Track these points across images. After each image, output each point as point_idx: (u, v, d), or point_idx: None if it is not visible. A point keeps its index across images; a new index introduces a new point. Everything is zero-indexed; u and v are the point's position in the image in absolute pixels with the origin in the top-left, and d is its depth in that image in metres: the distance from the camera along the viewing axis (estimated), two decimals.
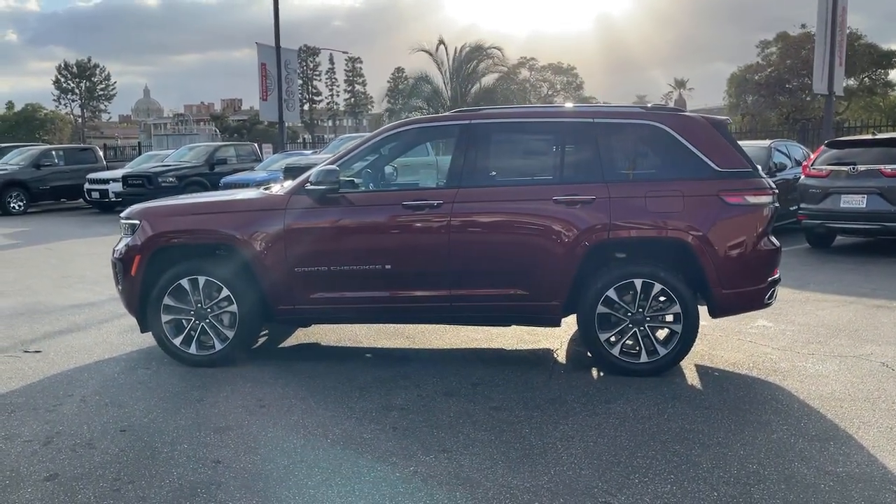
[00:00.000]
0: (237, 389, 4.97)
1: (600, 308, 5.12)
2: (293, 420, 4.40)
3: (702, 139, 5.17)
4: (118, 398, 4.82)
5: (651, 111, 5.42)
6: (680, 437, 4.09)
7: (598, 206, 5.07)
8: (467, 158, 5.32)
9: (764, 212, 5.15)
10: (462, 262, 5.23)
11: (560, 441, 4.05)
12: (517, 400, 4.70)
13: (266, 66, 23.55)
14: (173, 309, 5.47)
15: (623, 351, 5.16)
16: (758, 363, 5.44)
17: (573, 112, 5.56)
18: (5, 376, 5.33)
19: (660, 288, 5.05)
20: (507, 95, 26.53)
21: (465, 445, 4.00)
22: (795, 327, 6.46)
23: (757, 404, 4.61)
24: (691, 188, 5.09)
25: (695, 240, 5.01)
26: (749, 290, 5.17)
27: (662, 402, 4.63)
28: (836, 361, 5.43)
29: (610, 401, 4.67)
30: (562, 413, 4.47)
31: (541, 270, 5.15)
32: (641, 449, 3.93)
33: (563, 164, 5.35)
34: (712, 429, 4.20)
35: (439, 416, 4.45)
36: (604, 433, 4.16)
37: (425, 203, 5.23)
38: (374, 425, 4.31)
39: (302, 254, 5.34)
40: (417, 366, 5.45)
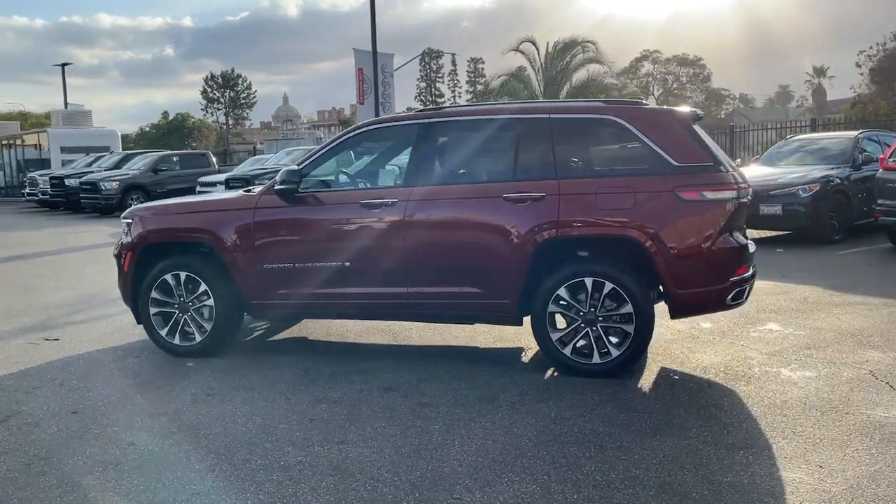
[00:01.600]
0: (198, 379, 5.26)
1: (551, 307, 5.04)
2: (227, 409, 4.62)
3: (660, 133, 4.98)
4: (91, 383, 5.22)
5: (610, 106, 5.26)
6: (583, 439, 3.98)
7: (548, 203, 4.99)
8: (424, 157, 5.38)
9: (725, 207, 4.89)
10: (418, 260, 5.29)
11: (462, 438, 4.04)
12: (450, 397, 4.71)
13: (363, 71, 24.26)
14: (160, 302, 5.85)
15: (576, 351, 5.05)
16: (731, 368, 5.17)
17: (529, 109, 5.48)
18: (14, 360, 5.88)
19: (611, 287, 4.91)
20: (603, 90, 25.87)
21: (366, 439, 4.07)
22: (804, 332, 6.06)
23: (692, 410, 4.39)
24: (643, 184, 4.91)
25: (645, 237, 4.83)
26: (707, 291, 4.93)
27: (594, 404, 4.51)
28: (819, 368, 5.08)
29: (542, 401, 4.60)
30: (484, 411, 4.44)
31: (493, 268, 5.13)
32: (535, 449, 3.87)
33: (517, 161, 5.29)
34: (625, 432, 4.06)
35: (363, 409, 4.54)
36: (510, 432, 4.11)
37: (382, 202, 5.33)
38: (296, 416, 4.45)
39: (270, 251, 5.58)
40: (380, 361, 5.55)
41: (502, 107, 5.62)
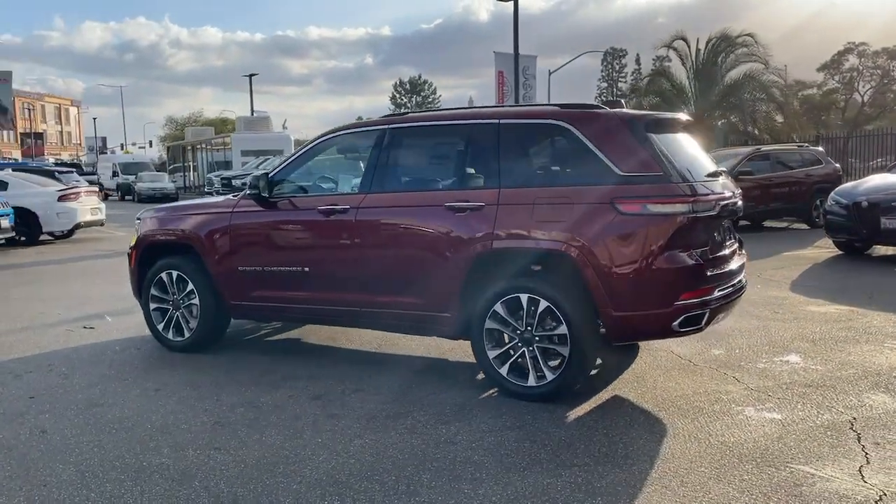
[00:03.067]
0: (160, 373, 5.51)
1: (488, 323, 4.77)
2: (157, 405, 4.80)
3: (609, 140, 4.56)
4: (75, 371, 5.62)
5: (562, 110, 4.88)
6: (448, 466, 3.72)
7: (486, 213, 4.74)
8: (377, 164, 5.30)
9: (672, 222, 4.38)
10: (367, 268, 5.22)
11: (331, 454, 3.92)
12: (365, 410, 4.59)
13: (503, 74, 24.22)
14: (157, 298, 6.21)
15: (513, 371, 4.75)
16: (693, 401, 4.64)
17: (481, 114, 5.19)
18: (38, 344, 6.47)
19: (546, 305, 4.57)
20: (761, 87, 23.83)
21: (241, 447, 4.05)
22: (823, 367, 5.31)
23: (598, 445, 3.97)
24: (582, 195, 4.53)
25: (578, 253, 4.45)
26: (646, 315, 4.44)
27: (497, 431, 4.21)
28: (794, 411, 4.42)
29: (448, 422, 4.37)
30: (381, 428, 4.29)
31: (434, 280, 4.95)
32: (387, 472, 3.67)
33: (463, 168, 5.06)
34: (497, 464, 3.75)
35: (272, 416, 4.54)
36: (382, 452, 3.93)
37: (336, 208, 5.31)
38: (206, 418, 4.53)
39: (243, 253, 5.74)
40: (341, 368, 5.52)
41: (454, 112, 5.39)
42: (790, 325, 6.57)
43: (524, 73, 24.82)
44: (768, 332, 6.37)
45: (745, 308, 7.26)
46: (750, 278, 8.93)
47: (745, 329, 6.48)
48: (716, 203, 4.59)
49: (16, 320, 7.63)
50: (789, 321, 6.75)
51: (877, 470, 3.58)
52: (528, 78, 25.32)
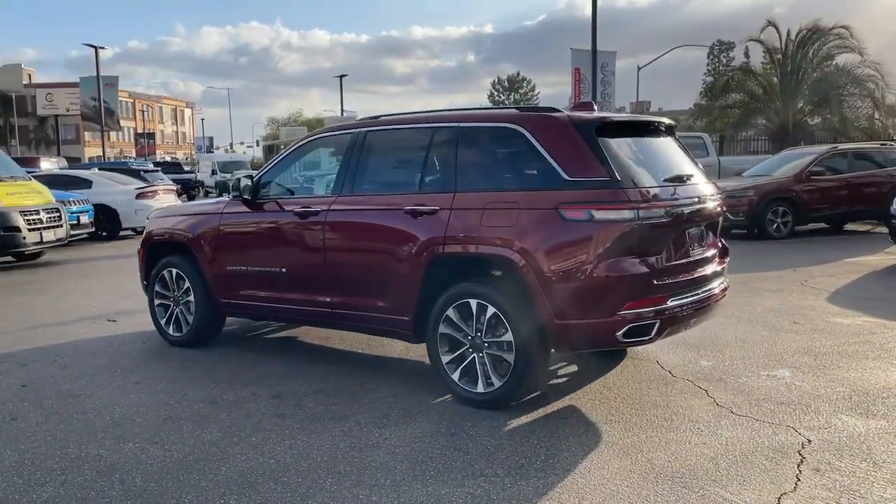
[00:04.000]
0: (149, 367, 5.77)
1: (442, 328, 4.75)
2: (131, 397, 5.00)
3: (558, 144, 4.45)
4: (75, 362, 5.94)
5: (518, 114, 4.79)
6: (349, 467, 3.74)
7: (440, 217, 4.72)
8: (349, 167, 5.35)
9: (618, 229, 4.23)
10: (336, 270, 5.29)
11: (249, 450, 4.00)
12: (314, 412, 4.63)
13: (580, 71, 23.84)
14: (161, 295, 6.49)
15: (463, 377, 4.71)
16: (645, 414, 4.46)
17: (443, 117, 5.14)
18: (65, 335, 6.88)
19: (493, 311, 4.51)
20: (854, 81, 22.32)
21: (183, 440, 4.18)
22: (810, 384, 5.00)
23: (509, 454, 3.89)
24: (529, 200, 4.44)
25: (521, 259, 4.36)
26: (589, 324, 4.30)
27: (432, 436, 4.18)
28: (736, 430, 4.19)
29: (387, 426, 4.37)
30: (317, 429, 4.32)
31: (394, 283, 4.97)
32: (287, 473, 3.72)
33: (424, 172, 5.03)
34: (403, 467, 3.75)
35: (223, 414, 4.63)
36: (300, 453, 3.98)
37: (309, 211, 5.41)
38: (162, 412, 4.70)
39: (230, 253, 5.93)
40: (312, 367, 5.60)
41: (421, 116, 5.36)
42: (801, 338, 6.20)
43: (602, 69, 24.33)
44: (773, 343, 6.04)
45: (763, 317, 6.92)
46: (791, 285, 8.53)
47: (749, 339, 6.17)
48: (670, 209, 4.40)
49: (58, 312, 8.13)
50: (803, 333, 6.36)
51: (798, 499, 3.35)
52: (607, 74, 24.80)
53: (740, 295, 8.06)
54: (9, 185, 11.90)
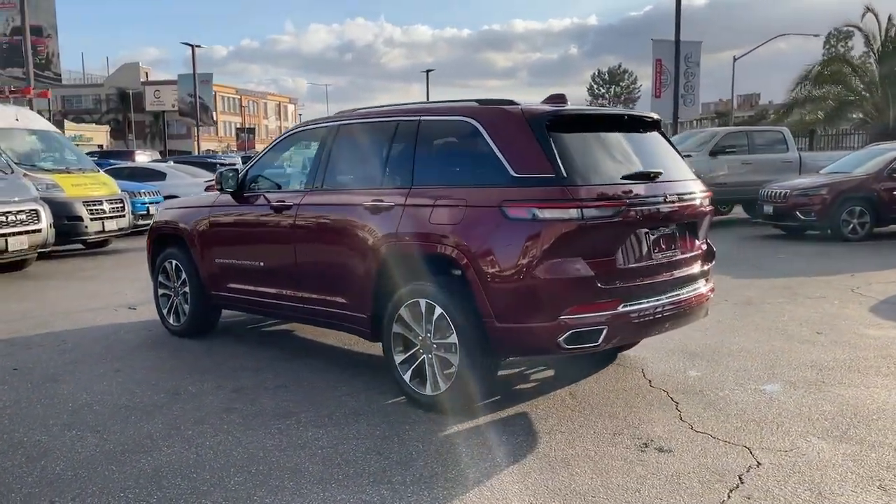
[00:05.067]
0: (138, 355, 5.89)
1: (395, 327, 4.62)
2: (104, 385, 5.10)
3: (508, 138, 4.24)
4: (75, 348, 6.13)
5: (476, 107, 4.58)
6: (261, 467, 3.67)
7: (394, 214, 4.60)
8: (321, 161, 5.30)
9: (562, 229, 3.98)
10: (304, 265, 5.26)
11: (179, 444, 3.99)
12: (265, 407, 4.60)
13: (661, 62, 23.03)
14: (163, 285, 6.65)
15: (414, 378, 4.57)
16: (597, 428, 4.20)
17: (406, 110, 4.98)
18: (82, 321, 7.16)
19: (440, 312, 4.36)
20: None
21: (123, 431, 4.22)
22: (798, 402, 4.60)
23: (427, 461, 3.73)
24: (476, 197, 4.25)
25: (463, 258, 4.18)
26: (529, 328, 4.07)
27: (363, 439, 4.05)
28: (694, 451, 3.88)
29: (325, 426, 4.27)
30: (256, 426, 4.28)
31: (353, 280, 4.88)
32: (200, 469, 3.69)
33: (386, 167, 4.90)
34: (315, 469, 3.65)
35: (175, 407, 4.62)
36: (223, 450, 3.94)
37: (283, 205, 5.39)
38: (122, 400, 4.77)
39: (218, 246, 5.99)
40: (290, 363, 5.55)
41: (388, 109, 5.21)
42: (815, 349, 5.72)
43: (686, 60, 23.39)
44: (781, 354, 5.59)
45: (785, 325, 6.46)
46: (838, 292, 7.90)
47: (756, 349, 5.74)
48: (624, 208, 4.10)
49: (91, 299, 8.48)
50: (821, 344, 5.87)
51: None
52: (691, 66, 23.79)
53: (774, 301, 7.55)
54: (75, 177, 12.53)
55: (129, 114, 69.16)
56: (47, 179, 11.91)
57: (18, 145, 12.64)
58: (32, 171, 11.94)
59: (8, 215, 9.61)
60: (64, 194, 11.87)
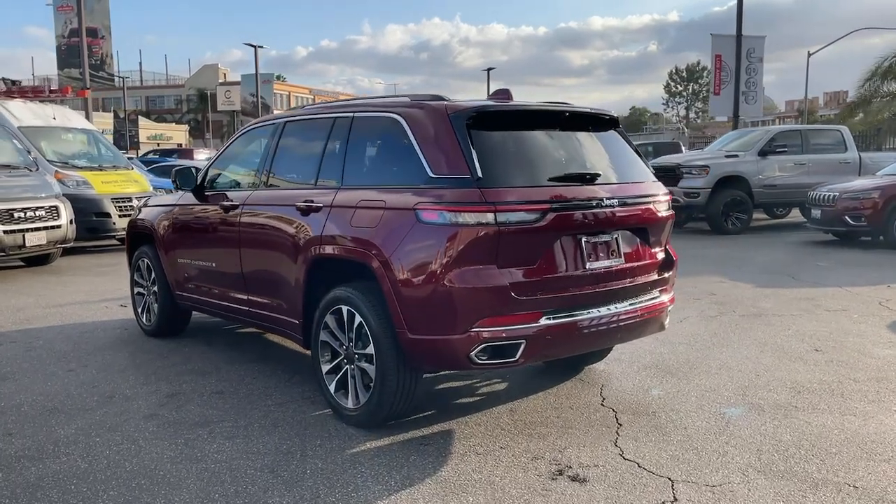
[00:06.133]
0: (101, 354, 5.80)
1: (322, 334, 4.39)
2: (48, 385, 5.03)
3: (428, 137, 3.94)
4: (45, 346, 6.10)
5: (402, 102, 4.29)
6: (143, 481, 3.49)
7: (321, 215, 4.36)
8: (264, 161, 5.12)
9: (473, 234, 3.66)
10: (248, 266, 5.08)
11: (76, 451, 3.85)
12: (191, 414, 4.43)
13: (721, 58, 22.11)
14: (137, 284, 6.60)
15: (339, 389, 4.32)
16: (515, 452, 3.88)
17: (343, 106, 4.71)
18: (67, 317, 7.18)
19: (359, 321, 4.10)
20: None
21: (35, 435, 4.13)
22: (761, 428, 4.16)
23: (316, 483, 3.48)
24: (394, 198, 3.97)
25: (377, 264, 3.91)
26: (437, 340, 3.76)
27: (266, 454, 3.83)
28: (607, 481, 3.52)
29: (235, 437, 4.07)
30: (168, 435, 4.11)
31: (287, 284, 4.67)
32: (83, 479, 3.53)
33: (321, 166, 4.65)
34: (197, 486, 3.44)
35: (104, 408, 4.55)
36: (115, 460, 3.78)
37: (231, 204, 5.23)
38: (54, 403, 4.69)
39: (180, 247, 5.87)
40: (245, 367, 5.38)
41: (330, 105, 4.94)
42: (805, 369, 5.21)
43: (748, 56, 22.36)
44: (763, 373, 5.12)
45: (785, 341, 5.96)
46: (861, 305, 7.26)
47: (738, 367, 5.28)
48: (548, 212, 3.75)
49: (90, 294, 8.55)
50: (815, 363, 5.35)
51: None
52: (754, 61, 22.70)
53: (787, 313, 7.00)
54: (107, 174, 12.77)
55: (207, 113, 71.33)
56: (77, 177, 12.16)
57: (54, 143, 12.97)
58: (65, 169, 12.23)
59: (27, 211, 9.81)
60: (93, 191, 12.10)
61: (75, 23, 23.25)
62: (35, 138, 12.40)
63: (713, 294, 8.04)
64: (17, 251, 9.80)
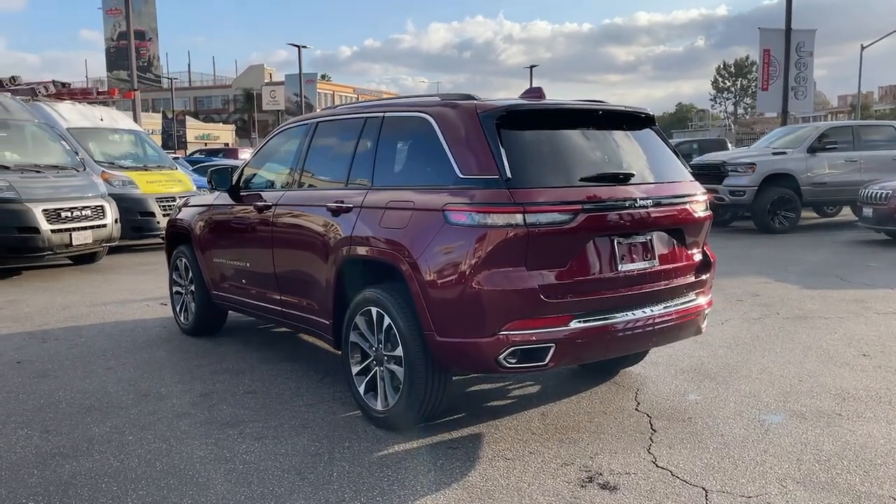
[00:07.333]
0: (140, 353, 5.88)
1: (352, 336, 4.37)
2: (87, 383, 5.11)
3: (458, 136, 3.89)
4: (87, 343, 6.21)
5: (432, 101, 4.24)
6: (168, 481, 3.51)
7: (352, 216, 4.35)
8: (297, 161, 5.12)
9: (502, 236, 3.60)
10: (281, 266, 5.10)
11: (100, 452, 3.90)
12: (222, 414, 4.46)
13: (770, 53, 21.60)
14: (176, 283, 6.68)
15: (368, 391, 4.30)
16: (547, 455, 3.81)
17: (374, 107, 4.67)
18: (108, 315, 7.32)
19: (388, 322, 4.07)
20: None
21: (59, 434, 4.18)
22: (806, 437, 4.01)
23: (327, 487, 3.47)
24: (423, 199, 3.93)
25: (406, 266, 3.88)
26: (467, 343, 3.70)
27: (295, 455, 3.83)
28: (638, 490, 3.43)
29: (265, 437, 4.08)
30: (197, 434, 4.12)
31: (318, 285, 4.67)
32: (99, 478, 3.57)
33: (352, 166, 4.62)
34: (221, 485, 3.45)
35: (135, 409, 4.60)
36: (141, 458, 3.82)
37: (264, 205, 5.25)
38: (89, 402, 4.78)
39: (216, 247, 5.93)
40: (278, 366, 5.41)
41: (362, 106, 4.91)
42: (852, 375, 5.03)
43: (798, 50, 21.79)
44: (807, 379, 4.95)
45: (832, 344, 5.78)
46: None
47: (780, 371, 5.12)
48: (580, 213, 3.67)
49: (132, 292, 8.68)
50: (861, 369, 5.16)
51: None
52: (803, 56, 22.09)
53: (834, 315, 6.79)
54: (152, 174, 13.00)
55: (253, 113, 72.34)
56: (123, 177, 12.41)
57: (102, 144, 13.26)
58: (111, 169, 12.48)
59: (73, 211, 10.03)
60: (138, 191, 12.33)
61: (124, 26, 23.79)
62: (83, 139, 12.69)
63: (757, 295, 7.83)
64: (64, 250, 10.02)
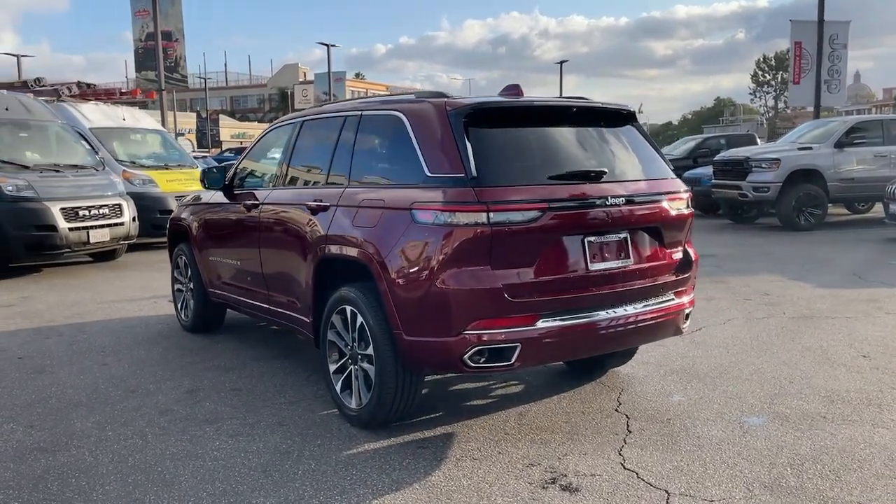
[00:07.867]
0: (138, 349, 5.97)
1: (329, 334, 4.39)
2: (81, 378, 5.19)
3: (427, 134, 3.88)
4: (88, 340, 6.31)
5: (406, 99, 4.23)
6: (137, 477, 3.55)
7: (328, 215, 4.36)
8: (284, 159, 5.15)
9: (466, 234, 3.57)
10: (266, 265, 5.14)
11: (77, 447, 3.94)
12: (203, 411, 4.51)
13: (801, 45, 21.16)
14: (177, 280, 6.77)
15: (344, 390, 4.31)
16: (514, 455, 3.78)
17: (353, 106, 4.66)
18: (114, 312, 7.43)
19: (361, 321, 4.08)
20: None
21: (44, 428, 4.26)
22: (783, 440, 3.93)
23: (287, 486, 3.48)
24: (392, 198, 3.93)
25: (375, 265, 3.88)
26: (431, 342, 3.68)
27: (264, 453, 3.86)
28: (597, 492, 3.39)
29: (239, 435, 4.11)
30: (174, 431, 4.17)
31: (299, 283, 4.70)
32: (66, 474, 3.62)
33: (331, 165, 4.63)
34: (189, 481, 3.49)
35: (122, 403, 4.67)
36: (113, 453, 3.87)
37: (252, 203, 5.29)
38: (80, 397, 4.84)
39: (212, 244, 5.99)
40: (268, 363, 5.45)
41: (340, 104, 4.92)
42: (847, 376, 4.91)
43: (831, 42, 21.30)
44: (797, 380, 4.84)
45: (831, 345, 5.65)
46: None
47: (770, 372, 5.01)
48: (546, 212, 3.62)
49: (141, 290, 8.82)
50: (858, 371, 5.03)
51: None
52: (837, 48, 21.58)
53: (842, 315, 6.63)
54: (172, 173, 13.20)
55: (287, 112, 73.20)
56: (143, 175, 12.61)
57: (124, 143, 13.48)
58: (132, 168, 12.69)
59: (91, 209, 10.21)
60: (158, 189, 12.52)
61: (151, 27, 24.18)
62: (106, 139, 12.92)
63: (766, 294, 7.68)
64: (81, 247, 10.21)
